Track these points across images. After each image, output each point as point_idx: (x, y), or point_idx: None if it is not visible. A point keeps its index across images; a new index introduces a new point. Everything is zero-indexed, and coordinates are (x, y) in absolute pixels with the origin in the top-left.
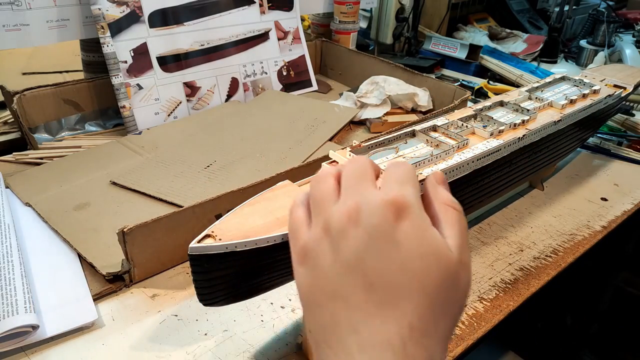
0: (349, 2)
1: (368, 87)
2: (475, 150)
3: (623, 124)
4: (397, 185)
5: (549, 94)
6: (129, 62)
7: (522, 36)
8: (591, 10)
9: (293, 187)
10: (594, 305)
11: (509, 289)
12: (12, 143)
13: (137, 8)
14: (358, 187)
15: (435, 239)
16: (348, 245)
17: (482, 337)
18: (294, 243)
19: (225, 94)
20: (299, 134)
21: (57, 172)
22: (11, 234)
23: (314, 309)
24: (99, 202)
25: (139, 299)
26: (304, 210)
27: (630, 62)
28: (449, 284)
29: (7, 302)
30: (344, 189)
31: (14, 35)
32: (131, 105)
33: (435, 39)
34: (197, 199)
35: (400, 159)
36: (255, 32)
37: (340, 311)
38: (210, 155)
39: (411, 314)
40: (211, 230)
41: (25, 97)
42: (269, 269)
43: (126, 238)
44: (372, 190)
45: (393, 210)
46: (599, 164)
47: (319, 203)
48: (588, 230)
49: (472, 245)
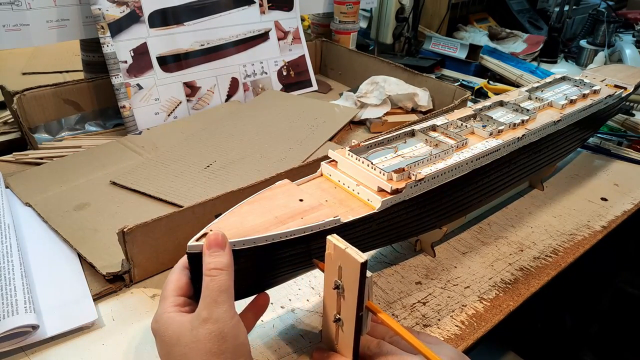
0: (349, 2)
1: (368, 87)
2: (474, 150)
3: (623, 124)
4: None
5: (549, 94)
6: (129, 62)
7: (522, 36)
8: (591, 10)
9: (292, 186)
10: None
11: (509, 289)
12: (12, 143)
13: (137, 8)
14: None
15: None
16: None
17: (482, 337)
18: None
19: (225, 94)
20: (298, 134)
21: (57, 172)
22: (11, 234)
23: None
24: (99, 202)
25: (139, 299)
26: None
27: (630, 62)
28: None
29: (7, 302)
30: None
31: (14, 35)
32: (131, 105)
33: (435, 39)
34: (197, 199)
35: (399, 158)
36: (255, 32)
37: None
38: (210, 155)
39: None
40: (210, 228)
41: (25, 97)
42: (267, 267)
43: (126, 238)
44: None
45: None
46: (599, 164)
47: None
48: (588, 230)
49: (472, 245)
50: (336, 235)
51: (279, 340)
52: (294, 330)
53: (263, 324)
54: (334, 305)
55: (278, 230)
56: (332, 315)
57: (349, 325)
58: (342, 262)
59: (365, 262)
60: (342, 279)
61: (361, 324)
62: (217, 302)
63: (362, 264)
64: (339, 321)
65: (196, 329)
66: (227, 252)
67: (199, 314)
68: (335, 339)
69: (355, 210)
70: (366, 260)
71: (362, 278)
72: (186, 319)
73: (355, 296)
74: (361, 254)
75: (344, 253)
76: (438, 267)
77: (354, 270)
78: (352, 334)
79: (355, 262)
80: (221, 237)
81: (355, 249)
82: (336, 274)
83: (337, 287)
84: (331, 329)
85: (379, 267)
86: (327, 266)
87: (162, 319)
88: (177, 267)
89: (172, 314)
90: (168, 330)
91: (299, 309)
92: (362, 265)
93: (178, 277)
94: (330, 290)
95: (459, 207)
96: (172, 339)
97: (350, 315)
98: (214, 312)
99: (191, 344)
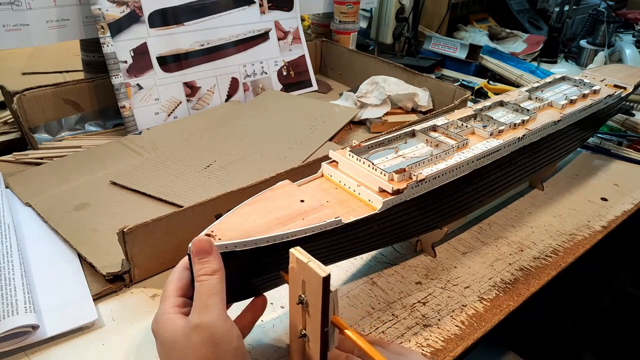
0: (349, 2)
1: (368, 87)
2: (475, 150)
3: (623, 124)
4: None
5: (549, 94)
6: (129, 62)
7: (522, 36)
8: (591, 10)
9: (293, 186)
10: (595, 306)
11: (509, 289)
12: (12, 143)
13: (137, 8)
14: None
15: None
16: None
17: (482, 337)
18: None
19: (225, 94)
20: (299, 134)
21: (57, 172)
22: (11, 234)
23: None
24: (99, 202)
25: (139, 299)
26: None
27: (630, 62)
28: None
29: (7, 302)
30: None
31: (14, 35)
32: (131, 105)
33: (435, 39)
34: (197, 199)
35: (400, 158)
36: (255, 32)
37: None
38: (210, 155)
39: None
40: (211, 229)
41: (25, 97)
42: (268, 268)
43: (126, 238)
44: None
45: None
46: (599, 164)
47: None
48: (588, 230)
49: (472, 245)
50: (299, 247)
51: (279, 341)
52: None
53: (263, 324)
54: (299, 321)
55: (280, 231)
56: (298, 331)
57: (315, 341)
58: (305, 276)
59: (328, 277)
60: (305, 293)
61: (327, 339)
62: (208, 307)
63: (324, 279)
64: (305, 337)
65: (188, 335)
66: (214, 256)
67: (190, 320)
68: (302, 355)
69: (357, 211)
70: (329, 275)
71: (325, 293)
72: (182, 324)
73: (319, 311)
74: (324, 268)
75: (306, 267)
76: (438, 267)
77: (317, 285)
78: (318, 349)
79: (318, 276)
80: (206, 243)
81: (318, 263)
82: (300, 288)
83: (301, 302)
84: (298, 344)
85: (379, 267)
86: (291, 280)
87: (162, 319)
88: (178, 267)
89: (171, 315)
90: (166, 332)
91: None
92: (324, 279)
93: (179, 278)
94: (295, 305)
95: (460, 207)
96: (169, 343)
97: (315, 331)
98: (205, 317)
99: (186, 350)
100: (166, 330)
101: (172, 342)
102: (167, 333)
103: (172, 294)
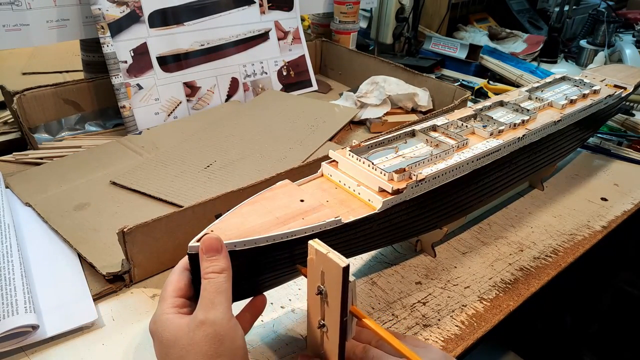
0: (349, 2)
1: (368, 87)
2: (475, 150)
3: (623, 124)
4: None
5: (549, 94)
6: (129, 62)
7: (522, 36)
8: (591, 10)
9: (292, 186)
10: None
11: (509, 289)
12: (12, 143)
13: (137, 8)
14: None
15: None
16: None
17: (482, 337)
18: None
19: (225, 94)
20: (299, 134)
21: (57, 172)
22: (11, 234)
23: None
24: (99, 202)
25: (139, 299)
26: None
27: (630, 62)
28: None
29: (7, 302)
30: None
31: (14, 35)
32: (131, 105)
33: (435, 39)
34: (197, 199)
35: (400, 158)
36: (255, 32)
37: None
38: (210, 155)
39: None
40: (210, 229)
41: (25, 97)
42: (268, 268)
43: (126, 238)
44: None
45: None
46: (599, 164)
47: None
48: (588, 230)
49: (472, 245)
50: (318, 240)
51: (280, 340)
52: (294, 330)
53: (263, 324)
54: (317, 311)
55: (279, 230)
56: (316, 321)
57: (334, 331)
58: (325, 267)
59: (348, 267)
60: (324, 284)
61: (346, 329)
62: (214, 304)
63: (344, 269)
64: (324, 327)
65: (193, 331)
66: (223, 255)
67: (195, 316)
68: (320, 345)
69: (356, 211)
70: (348, 265)
71: (344, 283)
72: (184, 321)
73: (338, 301)
74: (343, 259)
75: (326, 258)
76: (438, 267)
77: (337, 275)
78: (336, 339)
79: (337, 266)
80: (217, 241)
81: (337, 254)
82: (319, 279)
83: (320, 292)
84: (316, 335)
85: (379, 267)
86: (309, 271)
87: (160, 320)
88: (178, 268)
89: (170, 316)
90: (165, 331)
91: (299, 309)
92: (344, 269)
93: (178, 278)
94: (314, 296)
95: (460, 207)
96: (169, 341)
97: (334, 321)
98: (211, 314)
99: (188, 347)
100: (166, 329)
101: (173, 340)
102: (168, 332)
103: (171, 294)
